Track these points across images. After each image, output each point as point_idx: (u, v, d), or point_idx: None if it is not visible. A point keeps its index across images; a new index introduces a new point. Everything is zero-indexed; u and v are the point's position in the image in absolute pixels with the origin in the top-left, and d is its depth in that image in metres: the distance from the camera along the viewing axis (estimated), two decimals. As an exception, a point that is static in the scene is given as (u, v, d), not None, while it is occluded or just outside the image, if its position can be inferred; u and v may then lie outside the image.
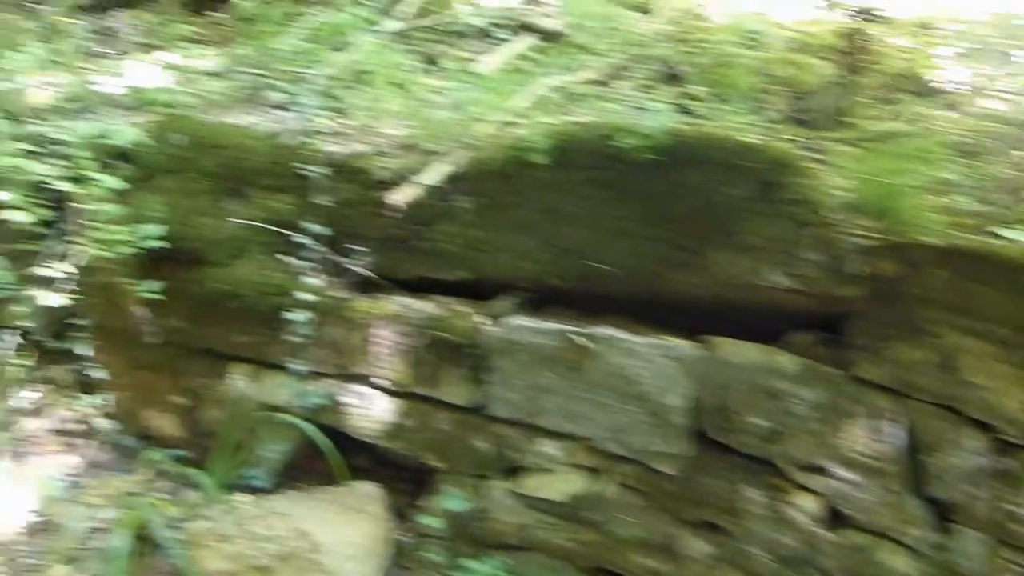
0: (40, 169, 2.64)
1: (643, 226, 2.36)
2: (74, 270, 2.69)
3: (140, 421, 2.90)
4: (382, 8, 3.37)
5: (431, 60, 3.29)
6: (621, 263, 2.37)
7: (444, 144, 2.62)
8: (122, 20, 3.65)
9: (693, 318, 2.42)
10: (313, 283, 2.57)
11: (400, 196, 2.47)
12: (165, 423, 2.88)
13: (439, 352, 2.49)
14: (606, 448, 2.41)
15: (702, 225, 2.31)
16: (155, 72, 3.19)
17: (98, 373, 2.87)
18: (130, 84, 3.05)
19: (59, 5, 3.71)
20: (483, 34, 3.44)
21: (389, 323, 2.52)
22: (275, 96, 2.91)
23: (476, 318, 2.49)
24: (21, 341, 2.82)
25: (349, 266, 2.58)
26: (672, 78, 3.26)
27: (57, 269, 2.68)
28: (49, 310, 2.71)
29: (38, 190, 2.65)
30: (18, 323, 2.75)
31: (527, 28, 3.48)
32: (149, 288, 2.64)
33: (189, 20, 3.55)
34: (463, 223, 2.51)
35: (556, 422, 2.43)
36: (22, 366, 2.87)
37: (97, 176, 2.65)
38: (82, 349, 2.84)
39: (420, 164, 2.58)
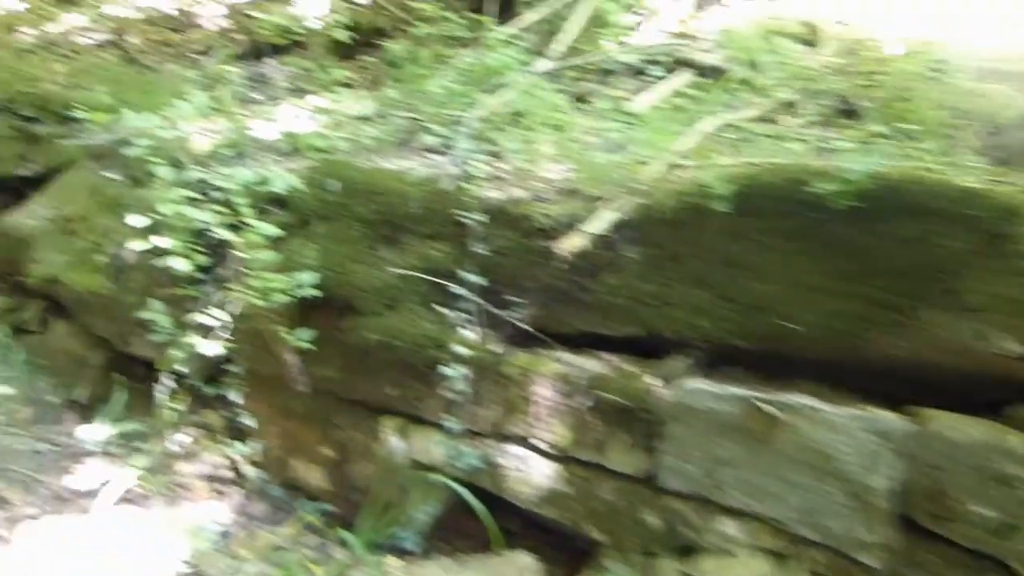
0: (201, 216, 2.66)
1: (841, 281, 2.10)
2: (229, 317, 2.68)
3: (288, 471, 2.85)
4: (532, 48, 3.28)
5: (582, 99, 3.16)
6: (814, 322, 2.12)
7: (607, 189, 2.45)
8: (275, 67, 3.72)
9: (896, 386, 2.13)
10: (469, 336, 2.44)
11: (567, 245, 2.31)
12: (312, 475, 2.81)
13: (605, 415, 2.29)
14: (796, 531, 2.13)
15: (913, 281, 2.03)
16: (307, 117, 3.20)
17: (248, 420, 2.84)
18: (284, 129, 3.06)
19: (218, 55, 3.84)
20: (636, 72, 3.29)
21: (550, 381, 2.35)
22: (428, 140, 2.84)
23: (646, 379, 2.28)
24: (175, 385, 2.84)
25: (507, 319, 2.44)
26: (846, 114, 2.99)
27: (214, 316, 2.68)
28: (204, 356, 2.71)
29: (198, 236, 2.67)
30: (174, 367, 2.76)
31: (683, 64, 3.31)
32: (301, 336, 2.59)
33: (339, 65, 3.57)
34: (631, 274, 2.32)
35: (738, 499, 2.17)
36: (176, 410, 2.88)
37: (254, 223, 2.64)
38: (234, 395, 2.82)
39: (582, 210, 2.43)
